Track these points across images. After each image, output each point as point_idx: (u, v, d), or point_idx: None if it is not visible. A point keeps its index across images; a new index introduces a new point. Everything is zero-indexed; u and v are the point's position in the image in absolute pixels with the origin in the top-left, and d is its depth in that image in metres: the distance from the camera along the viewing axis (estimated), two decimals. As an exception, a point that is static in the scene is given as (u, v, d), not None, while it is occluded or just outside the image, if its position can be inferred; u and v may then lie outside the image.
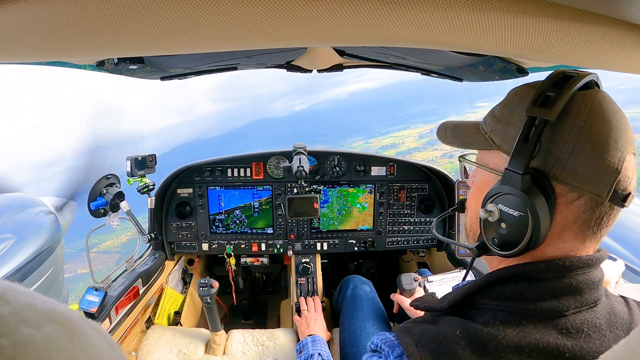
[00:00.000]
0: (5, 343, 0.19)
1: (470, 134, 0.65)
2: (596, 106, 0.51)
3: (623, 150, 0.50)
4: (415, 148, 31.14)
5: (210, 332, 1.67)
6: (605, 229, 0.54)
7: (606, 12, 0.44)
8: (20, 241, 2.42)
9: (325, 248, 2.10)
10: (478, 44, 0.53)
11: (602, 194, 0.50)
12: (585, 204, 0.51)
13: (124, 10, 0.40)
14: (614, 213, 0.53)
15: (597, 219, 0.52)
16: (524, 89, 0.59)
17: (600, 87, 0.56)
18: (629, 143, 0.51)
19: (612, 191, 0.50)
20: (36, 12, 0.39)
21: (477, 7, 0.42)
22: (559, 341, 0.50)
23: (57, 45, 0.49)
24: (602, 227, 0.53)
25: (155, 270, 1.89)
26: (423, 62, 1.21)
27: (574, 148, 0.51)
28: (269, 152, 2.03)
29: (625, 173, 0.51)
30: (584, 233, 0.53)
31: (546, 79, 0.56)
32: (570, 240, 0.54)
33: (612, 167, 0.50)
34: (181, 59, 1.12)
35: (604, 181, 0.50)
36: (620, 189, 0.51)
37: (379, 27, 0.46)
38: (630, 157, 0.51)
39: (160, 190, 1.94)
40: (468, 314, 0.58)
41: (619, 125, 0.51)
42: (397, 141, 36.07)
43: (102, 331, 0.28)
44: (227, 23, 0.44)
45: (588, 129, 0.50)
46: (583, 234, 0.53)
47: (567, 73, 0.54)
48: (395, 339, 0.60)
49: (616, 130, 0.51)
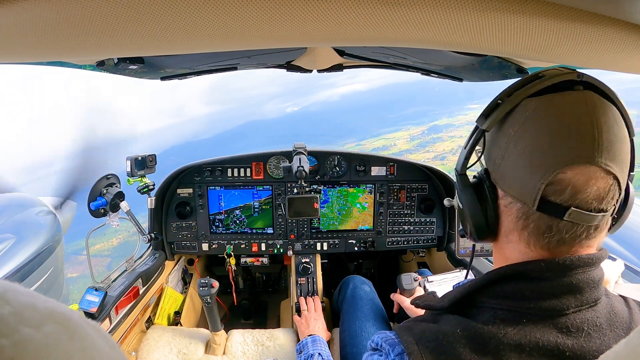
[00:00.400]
0: (5, 343, 0.19)
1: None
2: (533, 115, 0.52)
3: (557, 163, 0.49)
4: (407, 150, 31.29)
5: (210, 332, 1.67)
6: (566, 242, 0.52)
7: (606, 12, 0.44)
8: (20, 241, 2.42)
9: (325, 248, 2.10)
10: (478, 44, 0.53)
11: (528, 203, 0.52)
12: (519, 210, 0.54)
13: (124, 10, 0.40)
14: (567, 227, 0.51)
15: (537, 228, 0.52)
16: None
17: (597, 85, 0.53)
18: (575, 155, 0.48)
19: (541, 201, 0.50)
20: (36, 12, 0.39)
21: (477, 7, 0.42)
22: (559, 340, 0.50)
23: (57, 45, 0.49)
24: (551, 237, 0.52)
25: (155, 270, 1.89)
26: (423, 62, 1.21)
27: (504, 155, 0.54)
28: (269, 152, 2.03)
29: (561, 185, 0.49)
30: (527, 238, 0.54)
31: (512, 83, 0.57)
32: (515, 240, 0.57)
33: (536, 177, 0.50)
34: (181, 59, 1.12)
35: (528, 190, 0.51)
36: (555, 201, 0.50)
37: (379, 27, 0.46)
38: (577, 169, 0.48)
39: (160, 190, 1.94)
40: (469, 312, 0.58)
41: (556, 136, 0.49)
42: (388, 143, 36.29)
43: (102, 331, 0.28)
44: (227, 23, 0.44)
45: (517, 138, 0.53)
46: (526, 238, 0.55)
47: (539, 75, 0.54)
48: (395, 338, 0.60)
49: (550, 142, 0.50)
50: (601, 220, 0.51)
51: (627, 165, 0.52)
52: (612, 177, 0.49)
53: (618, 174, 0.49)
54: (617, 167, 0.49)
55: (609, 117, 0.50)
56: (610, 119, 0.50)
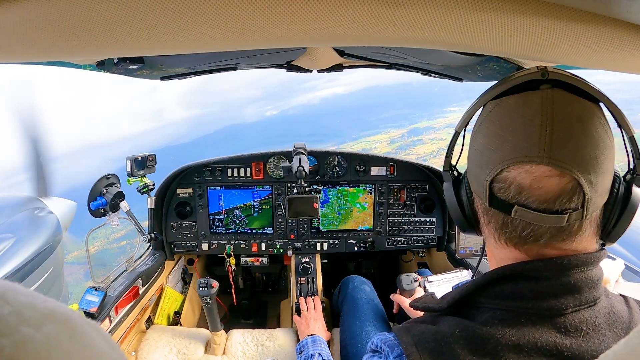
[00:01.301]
0: (5, 343, 0.19)
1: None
2: (488, 116, 0.56)
3: (501, 160, 0.51)
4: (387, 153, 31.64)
5: (210, 332, 1.67)
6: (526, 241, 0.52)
7: (606, 12, 0.44)
8: (20, 241, 2.42)
9: (325, 248, 2.10)
10: (478, 44, 0.53)
11: (482, 198, 0.56)
12: (481, 204, 0.58)
13: (124, 10, 0.40)
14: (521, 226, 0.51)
15: (496, 222, 0.56)
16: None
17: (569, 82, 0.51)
18: (521, 153, 0.49)
19: (489, 197, 0.54)
20: (36, 12, 0.39)
21: (477, 7, 0.42)
22: (558, 340, 0.50)
23: (57, 45, 0.49)
24: (509, 234, 0.54)
25: (155, 270, 1.89)
26: (423, 62, 1.21)
27: (469, 153, 0.60)
28: (269, 152, 2.03)
29: (506, 183, 0.51)
30: (493, 232, 0.57)
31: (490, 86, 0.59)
32: (487, 235, 0.61)
33: (484, 174, 0.54)
34: (181, 59, 1.12)
35: (479, 185, 0.56)
36: (502, 197, 0.52)
37: (379, 27, 0.46)
38: (523, 167, 0.49)
39: (160, 190, 1.94)
40: (467, 313, 0.58)
41: (503, 135, 0.51)
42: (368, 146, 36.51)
43: (102, 331, 0.28)
44: (227, 23, 0.44)
45: (474, 138, 0.58)
46: (492, 232, 0.58)
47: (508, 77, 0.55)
48: (395, 339, 0.60)
49: (496, 140, 0.52)
50: (558, 222, 0.49)
51: (600, 165, 0.49)
52: (568, 177, 0.48)
53: (578, 174, 0.47)
54: (576, 168, 0.47)
55: (569, 115, 0.48)
56: (571, 117, 0.48)
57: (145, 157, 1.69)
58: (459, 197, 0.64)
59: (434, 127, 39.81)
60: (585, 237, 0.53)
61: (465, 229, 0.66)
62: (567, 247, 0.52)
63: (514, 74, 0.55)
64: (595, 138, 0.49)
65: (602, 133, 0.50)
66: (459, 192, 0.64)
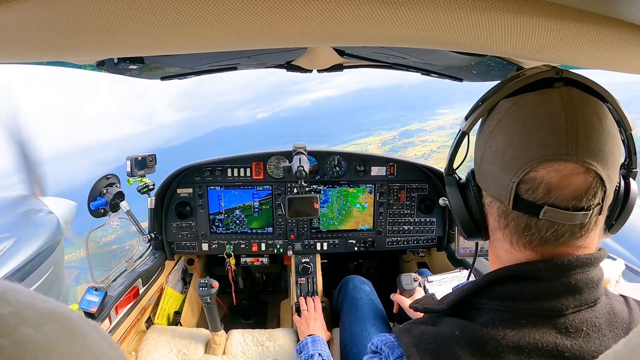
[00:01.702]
0: (5, 343, 0.19)
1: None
2: (507, 115, 0.53)
3: (528, 159, 0.49)
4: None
5: (210, 332, 1.67)
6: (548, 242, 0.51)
7: (606, 12, 0.44)
8: (20, 241, 2.42)
9: (325, 248, 2.10)
10: (478, 44, 0.53)
11: (504, 201, 0.52)
12: (498, 208, 0.55)
13: (124, 10, 0.40)
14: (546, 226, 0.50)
15: (517, 226, 0.53)
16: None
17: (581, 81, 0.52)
18: (548, 151, 0.48)
19: (515, 200, 0.51)
20: (36, 12, 0.39)
21: (477, 7, 0.42)
22: (559, 341, 0.50)
23: (57, 45, 0.49)
24: (532, 236, 0.52)
25: (155, 270, 1.89)
26: (423, 62, 1.21)
27: (483, 154, 0.56)
28: (269, 152, 2.03)
29: (534, 183, 0.49)
30: (510, 236, 0.55)
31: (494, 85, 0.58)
32: (501, 240, 0.58)
33: (509, 176, 0.51)
34: (181, 59, 1.12)
35: (503, 189, 0.52)
36: (529, 199, 0.50)
37: (379, 27, 0.46)
38: (551, 165, 0.48)
39: (160, 190, 1.94)
40: (467, 314, 0.58)
41: (529, 133, 0.49)
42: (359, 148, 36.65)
43: (102, 331, 0.28)
44: (227, 23, 0.44)
45: (492, 138, 0.54)
46: (509, 236, 0.55)
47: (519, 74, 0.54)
48: (395, 340, 0.60)
49: (522, 139, 0.50)
50: (583, 219, 0.49)
51: (615, 160, 0.50)
52: (593, 174, 0.48)
53: (600, 170, 0.48)
54: (599, 164, 0.48)
55: (589, 112, 0.49)
56: (590, 114, 0.49)
57: (145, 157, 1.69)
58: (467, 202, 0.61)
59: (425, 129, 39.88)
60: (597, 232, 0.53)
61: (472, 236, 0.62)
62: (580, 243, 0.52)
63: (524, 71, 0.54)
64: (611, 134, 0.50)
65: (614, 129, 0.51)
66: (467, 197, 0.61)
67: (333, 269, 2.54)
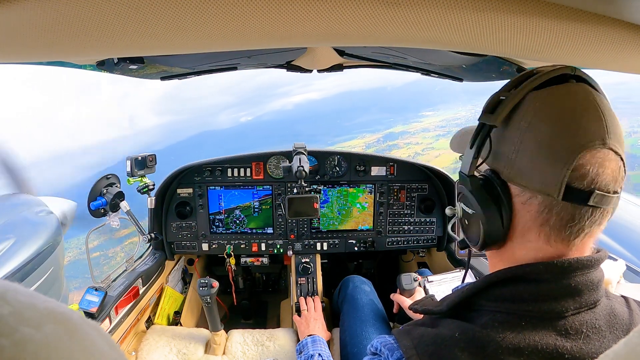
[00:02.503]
0: (5, 343, 0.19)
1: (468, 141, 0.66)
2: (544, 105, 0.52)
3: (577, 147, 0.49)
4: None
5: (210, 332, 1.67)
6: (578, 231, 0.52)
7: (606, 12, 0.44)
8: (20, 241, 2.42)
9: (325, 248, 2.10)
10: (478, 44, 0.53)
11: (553, 193, 0.50)
12: (540, 204, 0.52)
13: (124, 10, 0.40)
14: (587, 214, 0.50)
15: (558, 220, 0.52)
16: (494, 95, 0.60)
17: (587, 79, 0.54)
18: (590, 138, 0.49)
19: (565, 189, 0.49)
20: (36, 12, 0.39)
21: (477, 7, 0.42)
22: (558, 342, 0.49)
23: (57, 45, 0.49)
24: (570, 228, 0.51)
25: (155, 270, 1.89)
26: (423, 62, 1.21)
27: (519, 149, 0.53)
28: (269, 152, 2.03)
29: (584, 170, 0.49)
30: (548, 233, 0.53)
31: (509, 81, 0.57)
32: (534, 239, 0.55)
33: (559, 166, 0.49)
34: (181, 59, 1.12)
35: (551, 180, 0.50)
36: (579, 187, 0.49)
37: (379, 27, 0.46)
38: (594, 152, 0.49)
39: (160, 190, 1.94)
40: (467, 316, 0.58)
41: (571, 122, 0.50)
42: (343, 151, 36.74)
43: (102, 331, 0.28)
44: (227, 23, 0.44)
45: (531, 129, 0.52)
46: (547, 233, 0.53)
47: (534, 72, 0.55)
48: (394, 342, 0.60)
49: (566, 128, 0.50)
50: (617, 202, 0.52)
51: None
52: (619, 158, 0.51)
53: (623, 156, 0.51)
54: (621, 150, 0.51)
55: (605, 103, 0.52)
56: (607, 105, 0.52)
57: (145, 157, 1.69)
58: (499, 205, 0.55)
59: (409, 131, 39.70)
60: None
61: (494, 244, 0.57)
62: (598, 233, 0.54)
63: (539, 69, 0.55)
64: (620, 126, 0.53)
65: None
66: (498, 199, 0.55)
67: (333, 269, 2.54)
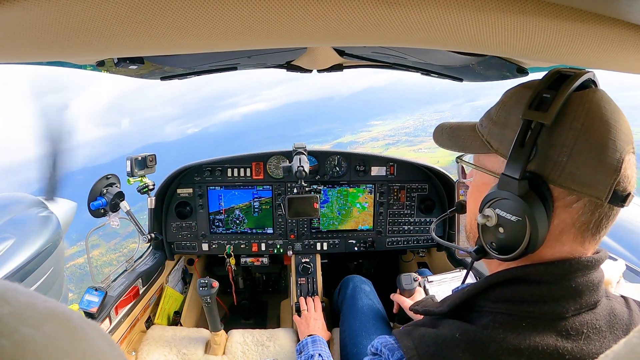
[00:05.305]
0: (5, 343, 0.19)
1: (467, 137, 0.64)
2: (594, 107, 0.51)
3: (622, 151, 0.49)
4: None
5: (210, 332, 1.67)
6: (605, 230, 0.54)
7: (606, 12, 0.44)
8: (20, 241, 2.42)
9: (325, 248, 2.10)
10: (478, 44, 0.53)
11: (602, 196, 0.50)
12: (585, 207, 0.51)
13: (124, 10, 0.40)
14: (613, 214, 0.52)
15: (596, 221, 0.52)
16: (519, 90, 0.58)
17: (597, 85, 0.55)
18: (627, 142, 0.50)
19: (612, 192, 0.49)
20: (36, 12, 0.39)
21: (477, 7, 0.42)
22: (559, 343, 0.50)
23: (57, 45, 0.49)
24: (601, 228, 0.53)
25: (155, 270, 1.89)
26: (423, 62, 1.21)
27: (572, 151, 0.50)
28: (269, 152, 2.03)
29: (625, 173, 0.50)
30: (583, 235, 0.53)
31: (542, 79, 0.55)
32: (569, 242, 0.54)
33: (612, 169, 0.49)
34: (181, 59, 1.12)
35: (603, 183, 0.49)
36: (620, 190, 0.50)
37: (379, 27, 0.46)
38: (629, 156, 0.50)
39: (160, 190, 1.94)
40: (468, 316, 0.58)
41: (617, 125, 0.50)
42: None
43: (102, 331, 0.28)
44: (227, 23, 0.44)
45: (586, 131, 0.50)
46: (582, 235, 0.53)
47: (563, 72, 0.53)
48: (395, 343, 0.60)
49: (614, 130, 0.50)
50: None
51: None
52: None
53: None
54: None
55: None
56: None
57: (146, 157, 1.69)
58: (547, 209, 0.52)
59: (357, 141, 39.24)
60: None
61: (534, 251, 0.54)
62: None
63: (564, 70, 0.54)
64: None
65: None
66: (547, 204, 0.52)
67: (333, 269, 2.54)
